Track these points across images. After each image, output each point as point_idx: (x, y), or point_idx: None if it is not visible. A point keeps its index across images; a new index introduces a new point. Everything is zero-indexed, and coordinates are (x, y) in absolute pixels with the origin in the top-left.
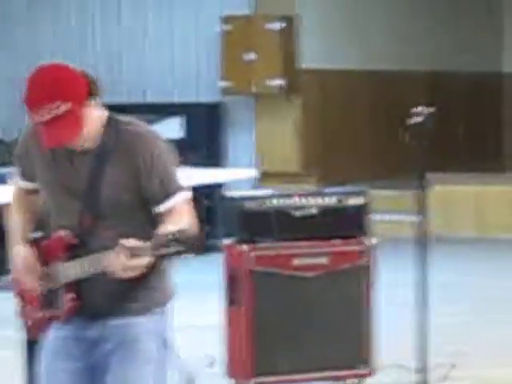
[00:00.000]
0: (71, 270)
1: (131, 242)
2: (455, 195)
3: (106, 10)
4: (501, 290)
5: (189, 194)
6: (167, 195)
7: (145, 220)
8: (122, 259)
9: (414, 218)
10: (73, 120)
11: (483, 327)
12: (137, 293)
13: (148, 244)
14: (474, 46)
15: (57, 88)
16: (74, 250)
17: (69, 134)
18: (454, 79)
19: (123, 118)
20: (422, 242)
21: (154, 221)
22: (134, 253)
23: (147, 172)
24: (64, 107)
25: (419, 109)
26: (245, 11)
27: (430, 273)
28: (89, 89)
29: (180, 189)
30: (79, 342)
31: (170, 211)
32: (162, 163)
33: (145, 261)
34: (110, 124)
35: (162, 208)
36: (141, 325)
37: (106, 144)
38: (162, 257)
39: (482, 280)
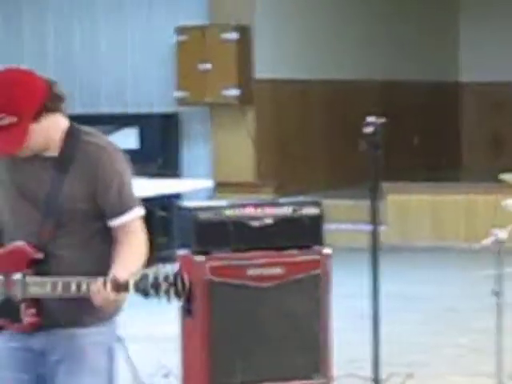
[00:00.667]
0: (39, 287)
1: (118, 278)
2: (411, 205)
3: (60, 20)
4: (456, 300)
5: (142, 211)
6: (122, 210)
7: (101, 229)
8: (108, 292)
9: (368, 228)
10: (15, 133)
11: (437, 337)
12: (86, 305)
13: (133, 281)
14: (431, 56)
15: (4, 100)
16: (38, 264)
17: (7, 147)
18: (410, 89)
19: (85, 128)
20: (375, 252)
21: (105, 233)
22: (118, 288)
23: (105, 185)
24: (8, 120)
25: (371, 119)
26: (200, 21)
27: (383, 282)
28: (48, 101)
29: (135, 205)
30: (26, 353)
31: (122, 227)
32: (119, 177)
33: (123, 297)
34: (72, 134)
35: (114, 222)
36: (88, 336)
37: (67, 154)
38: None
39: (438, 289)
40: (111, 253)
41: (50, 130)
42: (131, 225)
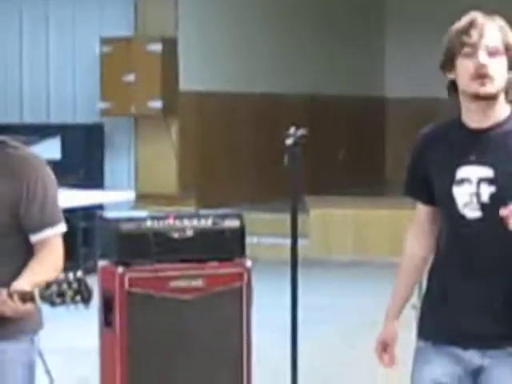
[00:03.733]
0: None
1: (21, 287)
2: (334, 218)
3: None
4: (377, 313)
5: (64, 228)
6: (43, 226)
7: (24, 242)
8: (14, 303)
9: (289, 241)
10: None
11: (355, 350)
12: (5, 319)
13: (38, 290)
14: (357, 71)
15: None
16: None
17: None
18: (335, 103)
19: (11, 140)
20: (295, 265)
21: (25, 248)
22: (24, 299)
23: (28, 199)
24: None
25: (291, 130)
26: (125, 32)
27: (304, 295)
28: None
29: (57, 221)
30: None
31: (41, 242)
32: (43, 192)
33: (30, 306)
34: None
35: (35, 237)
36: (7, 351)
37: None
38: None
39: (359, 303)
40: None
41: None
42: (50, 241)
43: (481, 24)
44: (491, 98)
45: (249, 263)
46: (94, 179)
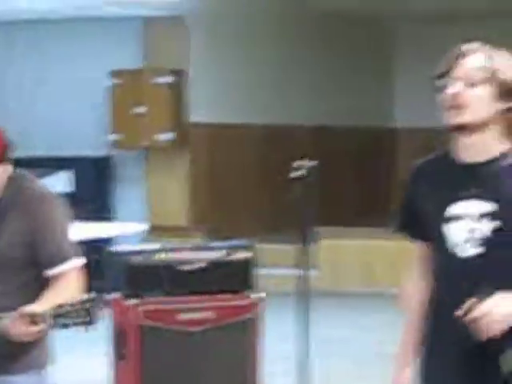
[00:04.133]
0: None
1: (32, 309)
2: (343, 249)
3: None
4: (386, 345)
5: (80, 262)
6: (59, 260)
7: (38, 276)
8: (23, 326)
9: (300, 272)
10: None
11: (367, 381)
12: (16, 352)
13: (47, 312)
14: (367, 102)
15: None
16: None
17: None
18: (345, 134)
19: (23, 174)
20: (305, 297)
21: (39, 281)
22: (33, 319)
23: (42, 235)
24: None
25: (302, 162)
26: (134, 65)
27: (314, 327)
28: (3, 151)
29: (72, 255)
30: None
31: (59, 276)
32: (57, 228)
33: (41, 327)
34: (14, 180)
35: (51, 272)
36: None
37: (7, 200)
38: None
39: (368, 334)
40: None
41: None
42: (66, 275)
43: (462, 53)
44: (469, 129)
45: (260, 295)
46: (105, 211)
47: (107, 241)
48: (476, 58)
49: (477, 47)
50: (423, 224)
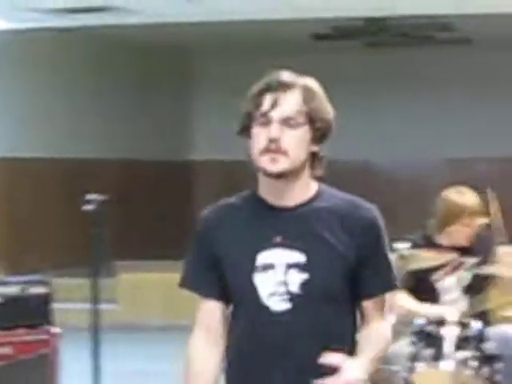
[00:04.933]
0: None
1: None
2: (143, 283)
3: None
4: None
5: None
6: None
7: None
8: None
9: (100, 306)
10: None
11: None
12: None
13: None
14: (164, 134)
15: None
16: None
17: None
18: (143, 167)
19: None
20: (96, 331)
21: None
22: None
23: None
24: None
25: (92, 196)
26: None
27: (112, 361)
28: None
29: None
30: None
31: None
32: None
33: None
34: None
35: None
36: None
37: None
38: None
39: (169, 367)
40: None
41: None
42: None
43: (277, 89)
44: (285, 176)
45: (56, 330)
46: None
47: None
48: (292, 96)
49: (290, 81)
50: (224, 278)
